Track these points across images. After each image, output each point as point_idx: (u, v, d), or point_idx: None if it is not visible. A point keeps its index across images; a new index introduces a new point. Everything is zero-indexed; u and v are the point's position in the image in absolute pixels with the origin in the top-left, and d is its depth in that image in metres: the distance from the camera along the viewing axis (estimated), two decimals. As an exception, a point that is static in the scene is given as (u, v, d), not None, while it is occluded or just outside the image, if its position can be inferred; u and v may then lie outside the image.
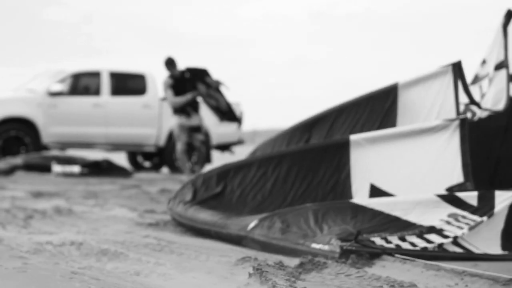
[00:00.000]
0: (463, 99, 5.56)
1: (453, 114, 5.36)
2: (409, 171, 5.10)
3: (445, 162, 4.98)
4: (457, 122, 5.02)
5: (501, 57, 5.77)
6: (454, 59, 5.57)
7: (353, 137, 5.38)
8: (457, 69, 5.48)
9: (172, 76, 12.58)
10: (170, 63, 12.62)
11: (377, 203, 4.66)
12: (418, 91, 5.68)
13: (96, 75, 15.97)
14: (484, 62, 6.00)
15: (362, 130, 5.81)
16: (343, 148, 5.37)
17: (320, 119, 6.19)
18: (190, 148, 16.40)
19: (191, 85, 12.53)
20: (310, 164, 5.48)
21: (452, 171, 4.90)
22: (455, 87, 5.44)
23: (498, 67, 5.77)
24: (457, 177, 4.84)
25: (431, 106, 5.56)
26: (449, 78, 5.49)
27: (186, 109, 12.78)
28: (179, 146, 13.12)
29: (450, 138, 5.02)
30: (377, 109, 5.83)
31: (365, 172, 5.27)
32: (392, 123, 5.71)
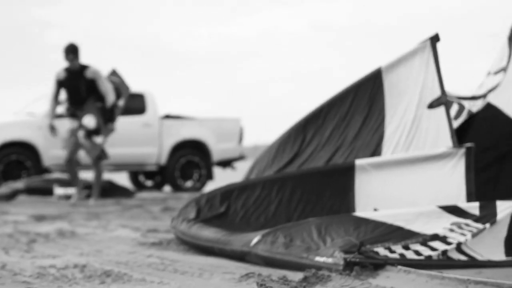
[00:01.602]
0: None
1: (436, 86, 5.40)
2: (413, 198, 5.12)
3: (449, 190, 5.01)
4: (462, 150, 5.05)
5: (503, 65, 5.78)
6: (458, 64, 5.60)
7: (358, 162, 5.40)
8: (435, 41, 5.50)
9: (67, 70, 11.37)
10: (71, 51, 11.23)
11: (379, 215, 4.67)
12: (401, 70, 5.71)
13: (95, 96, 15.98)
14: (489, 73, 6.00)
15: (353, 118, 5.85)
16: (348, 173, 5.39)
17: (312, 117, 6.21)
18: (190, 165, 16.44)
19: (86, 84, 11.25)
20: (314, 187, 5.50)
21: (456, 199, 4.92)
22: (436, 61, 5.47)
23: (497, 72, 5.79)
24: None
25: (415, 83, 5.59)
26: (428, 52, 5.52)
27: (72, 110, 11.55)
28: (66, 156, 11.75)
29: (456, 166, 5.05)
30: (365, 95, 5.86)
31: (369, 197, 5.29)
32: (381, 106, 5.75)
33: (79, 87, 11.35)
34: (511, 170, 5.57)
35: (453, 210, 4.56)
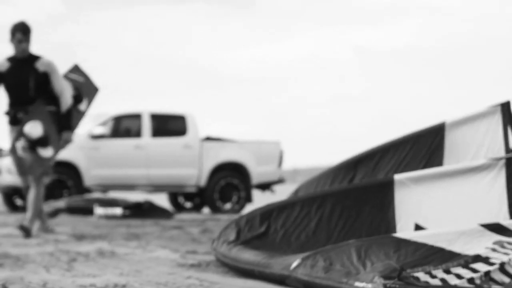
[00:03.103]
0: None
1: (502, 154, 5.31)
2: (455, 211, 5.07)
3: (491, 202, 4.94)
4: (503, 161, 4.99)
5: None
6: (496, 94, 5.56)
7: (397, 177, 5.36)
8: (506, 109, 5.45)
9: (12, 59, 8.58)
10: (21, 30, 8.42)
11: (420, 236, 4.63)
12: (465, 130, 5.65)
13: (137, 117, 16.13)
14: None
15: (407, 169, 5.77)
16: (387, 188, 5.35)
17: (365, 157, 6.17)
18: (229, 188, 16.46)
19: (37, 79, 8.46)
20: (354, 203, 5.47)
21: (498, 211, 4.86)
22: (504, 128, 5.40)
23: None
24: (504, 217, 4.79)
25: (478, 147, 5.52)
26: (497, 118, 5.46)
27: (12, 113, 8.61)
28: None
29: (496, 177, 4.99)
30: (424, 148, 5.80)
31: (409, 211, 5.24)
32: (439, 163, 5.68)
33: (27, 82, 8.44)
34: None
35: (495, 228, 4.50)
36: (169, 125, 16.53)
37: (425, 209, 5.19)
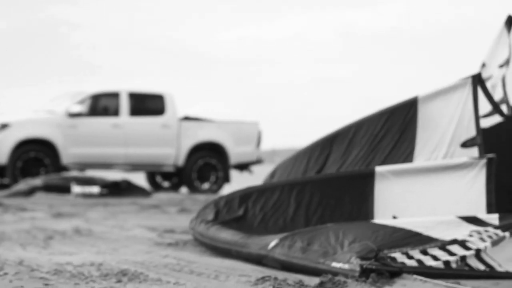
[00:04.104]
0: (486, 108, 5.53)
1: (472, 126, 5.35)
2: (433, 207, 5.10)
3: (469, 200, 4.98)
4: (484, 161, 5.02)
5: (505, 56, 5.75)
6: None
7: (378, 169, 5.39)
8: (476, 80, 5.47)
9: None
10: None
11: (398, 222, 4.65)
12: (437, 103, 5.66)
13: (115, 95, 16.06)
14: (484, 65, 5.97)
15: (381, 143, 5.80)
16: (368, 179, 5.38)
17: (340, 134, 6.17)
18: (207, 167, 16.45)
19: None
20: (334, 192, 5.49)
21: (476, 209, 4.90)
22: (474, 99, 5.42)
23: (504, 64, 5.75)
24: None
25: (450, 119, 5.54)
26: (468, 90, 5.48)
27: None
28: None
29: (476, 176, 5.03)
30: (397, 122, 5.81)
31: (388, 204, 5.27)
32: (412, 136, 5.70)
33: None
34: None
35: (473, 220, 4.55)
36: (147, 104, 16.47)
37: (404, 202, 5.22)
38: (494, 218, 4.53)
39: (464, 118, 5.46)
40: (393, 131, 5.83)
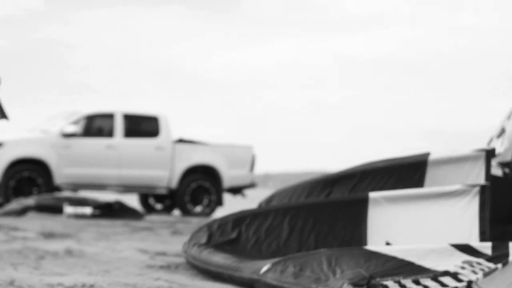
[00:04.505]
0: None
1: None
2: (426, 233, 5.12)
3: (462, 227, 5.00)
4: (477, 188, 5.03)
5: None
6: (476, 106, 5.60)
7: (372, 195, 5.40)
8: (490, 155, 5.48)
9: None
10: None
11: (391, 250, 4.65)
12: (447, 170, 5.67)
13: (109, 117, 16.06)
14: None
15: None
16: (361, 205, 5.40)
17: (344, 177, 6.16)
18: (200, 190, 16.44)
19: None
20: (327, 217, 5.50)
21: (469, 237, 4.91)
22: (487, 174, 5.42)
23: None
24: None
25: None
26: (481, 164, 5.49)
27: None
28: None
29: (469, 203, 5.04)
30: (403, 181, 5.80)
31: (381, 230, 5.29)
32: None
33: None
34: None
35: (465, 248, 4.54)
36: (141, 126, 16.48)
37: (397, 228, 5.23)
38: (487, 247, 4.53)
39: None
40: (398, 188, 5.78)
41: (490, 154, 5.50)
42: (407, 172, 5.84)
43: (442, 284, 4.25)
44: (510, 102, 5.93)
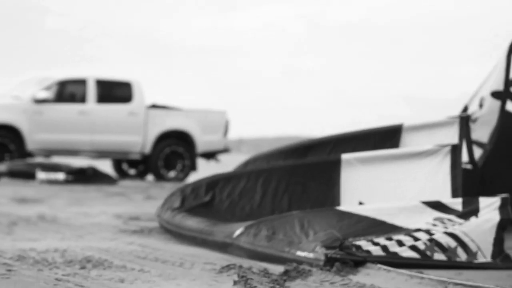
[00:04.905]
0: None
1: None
2: (398, 193, 5.16)
3: (434, 186, 5.05)
4: (448, 148, 5.08)
5: (500, 87, 5.78)
6: (451, 73, 5.64)
7: (344, 156, 5.43)
8: (464, 122, 5.51)
9: None
10: None
11: (363, 209, 4.69)
12: (421, 137, 5.71)
13: (82, 82, 15.94)
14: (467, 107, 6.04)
15: None
16: (334, 166, 5.43)
17: (319, 144, 6.21)
18: (174, 155, 16.43)
19: None
20: (300, 179, 5.53)
21: (441, 195, 4.95)
22: (460, 141, 5.46)
23: (495, 96, 5.80)
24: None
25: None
26: (454, 130, 5.52)
27: None
28: None
29: (441, 163, 5.09)
30: (379, 146, 5.84)
31: (354, 190, 5.33)
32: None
33: None
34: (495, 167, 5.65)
35: (436, 205, 4.59)
36: (114, 92, 16.37)
37: (369, 188, 5.28)
38: (457, 203, 4.58)
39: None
40: None
41: (464, 120, 5.53)
42: (382, 138, 5.88)
43: (415, 238, 4.29)
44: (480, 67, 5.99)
